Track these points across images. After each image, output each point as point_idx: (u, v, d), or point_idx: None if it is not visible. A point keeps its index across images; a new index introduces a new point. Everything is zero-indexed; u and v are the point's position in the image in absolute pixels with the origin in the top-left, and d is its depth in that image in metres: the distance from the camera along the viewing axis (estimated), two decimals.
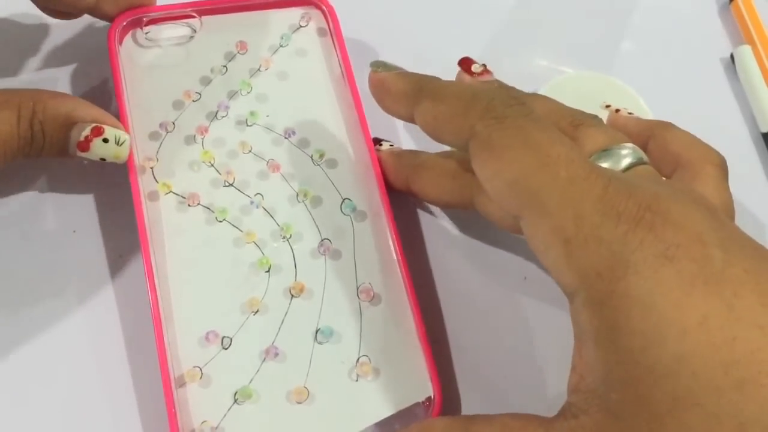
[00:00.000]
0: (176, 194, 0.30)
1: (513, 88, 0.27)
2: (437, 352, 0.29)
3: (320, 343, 0.28)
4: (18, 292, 0.29)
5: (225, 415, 0.27)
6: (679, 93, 0.32)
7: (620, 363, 0.19)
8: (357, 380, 0.28)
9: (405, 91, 0.26)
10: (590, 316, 0.20)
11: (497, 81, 0.29)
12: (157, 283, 0.27)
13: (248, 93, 0.32)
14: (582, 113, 0.26)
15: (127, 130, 0.29)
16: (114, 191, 0.30)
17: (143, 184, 0.29)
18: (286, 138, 0.31)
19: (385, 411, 0.27)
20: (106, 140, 0.28)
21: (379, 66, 0.28)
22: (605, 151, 0.24)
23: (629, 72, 0.28)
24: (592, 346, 0.20)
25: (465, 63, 0.31)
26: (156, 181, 0.30)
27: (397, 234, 0.30)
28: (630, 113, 0.31)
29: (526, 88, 0.30)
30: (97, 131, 0.27)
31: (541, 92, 0.32)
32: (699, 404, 0.18)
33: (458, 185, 0.28)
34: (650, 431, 0.18)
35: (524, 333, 0.30)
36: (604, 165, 0.24)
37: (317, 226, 0.30)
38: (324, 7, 0.33)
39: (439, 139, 0.25)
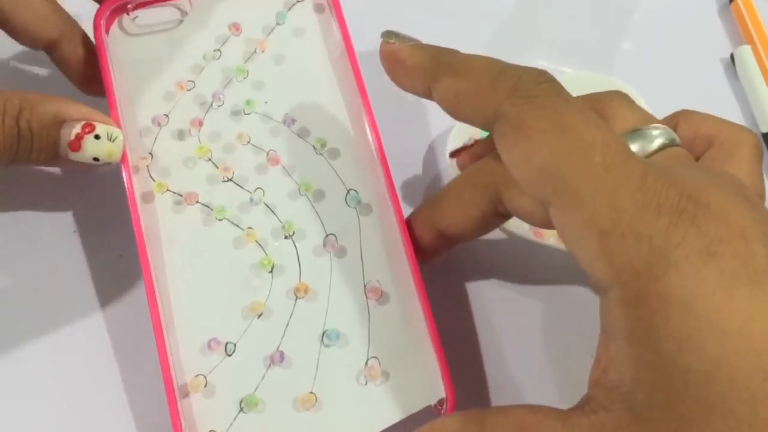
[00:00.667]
0: (173, 192, 0.28)
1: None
2: (449, 352, 0.27)
3: (327, 346, 0.27)
4: (18, 292, 0.28)
5: (231, 425, 0.26)
6: (679, 93, 0.32)
7: (652, 365, 0.18)
8: (366, 384, 0.27)
9: (422, 65, 0.24)
10: (624, 314, 0.19)
11: None
12: (156, 289, 0.27)
13: (244, 79, 0.30)
14: (613, 92, 0.25)
15: (119, 126, 0.28)
16: (114, 191, 0.29)
17: (138, 184, 0.28)
18: (285, 127, 0.30)
19: (395, 415, 0.27)
20: (98, 137, 0.26)
21: (391, 36, 0.25)
22: (636, 132, 0.23)
23: (629, 72, 0.27)
24: (623, 344, 0.19)
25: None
26: (152, 179, 0.28)
27: (405, 228, 0.28)
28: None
29: None
30: (89, 127, 0.26)
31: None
32: (732, 412, 0.17)
33: (480, 193, 0.26)
34: None
35: (540, 332, 0.29)
36: (635, 146, 0.23)
37: (321, 221, 0.29)
38: None
39: (460, 117, 0.23)
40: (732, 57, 0.40)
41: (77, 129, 0.26)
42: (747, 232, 0.18)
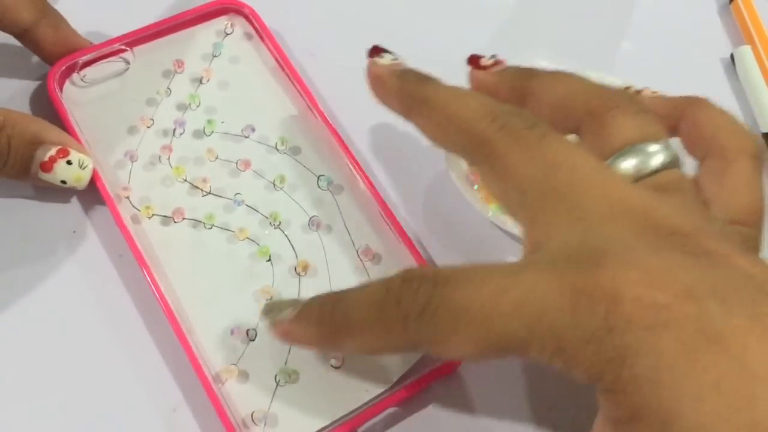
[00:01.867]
0: (160, 216, 0.30)
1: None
2: None
3: None
4: (18, 292, 0.28)
5: (272, 400, 0.27)
6: (679, 93, 0.30)
7: None
8: None
9: (317, 338, 0.24)
10: (608, 406, 0.19)
11: (514, 66, 0.28)
12: (167, 298, 0.28)
13: (197, 107, 0.33)
14: (619, 95, 0.24)
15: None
16: (101, 215, 0.30)
17: (124, 211, 0.30)
18: (246, 137, 0.32)
19: (416, 354, 0.29)
20: (69, 162, 0.28)
21: (270, 311, 0.25)
22: (632, 148, 0.23)
23: (629, 72, 0.28)
24: (612, 428, 0.19)
25: (473, 61, 0.28)
26: (136, 208, 0.30)
27: (378, 195, 0.31)
28: (654, 92, 0.29)
29: None
30: (63, 152, 0.28)
31: None
32: None
33: (467, 141, 0.23)
34: None
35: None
36: (631, 164, 0.23)
37: (302, 207, 0.31)
38: (245, 11, 0.35)
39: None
40: (732, 57, 0.40)
41: (52, 152, 0.28)
42: (694, 292, 0.18)
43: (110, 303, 0.29)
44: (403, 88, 0.25)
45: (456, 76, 0.35)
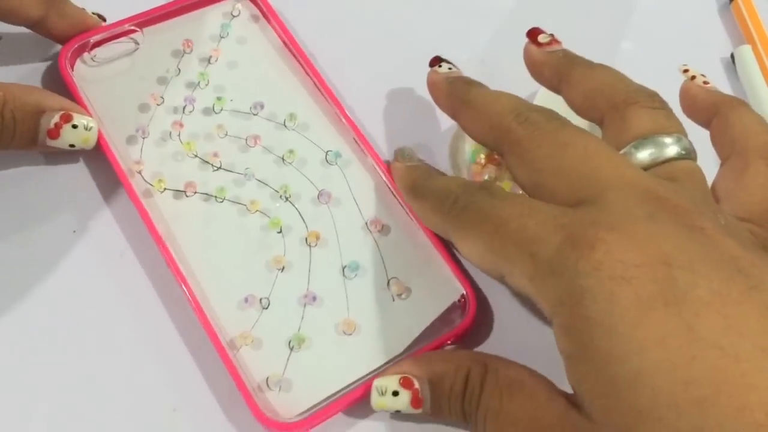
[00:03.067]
0: (172, 190, 0.31)
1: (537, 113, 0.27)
2: (456, 256, 0.31)
3: (350, 278, 0.30)
4: (18, 292, 0.29)
5: (286, 365, 0.28)
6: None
7: (587, 378, 0.20)
8: (394, 301, 0.29)
9: (405, 189, 0.30)
10: (562, 339, 0.21)
11: (563, 51, 0.30)
12: (181, 267, 0.28)
13: (206, 85, 0.33)
14: (641, 91, 0.27)
15: (104, 143, 0.30)
16: (113, 191, 0.31)
17: (137, 186, 0.30)
18: (255, 114, 0.33)
19: (427, 319, 0.29)
20: (75, 126, 0.29)
21: (399, 154, 0.32)
22: (647, 139, 0.25)
23: (629, 72, 0.28)
24: (566, 363, 0.21)
25: (532, 34, 0.31)
26: (148, 183, 0.31)
27: (385, 168, 0.32)
28: (706, 82, 0.30)
29: (526, 88, 0.31)
30: (67, 117, 0.29)
31: (539, 93, 0.33)
32: (660, 419, 0.19)
33: (497, 134, 0.27)
34: None
35: None
36: (645, 153, 0.25)
37: (311, 181, 0.32)
38: None
39: (435, 231, 0.29)
40: (732, 57, 0.40)
41: (56, 119, 0.29)
42: (669, 259, 0.20)
43: (110, 302, 0.29)
44: (452, 93, 0.29)
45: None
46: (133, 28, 0.33)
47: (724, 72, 0.40)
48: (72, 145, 0.29)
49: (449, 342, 0.29)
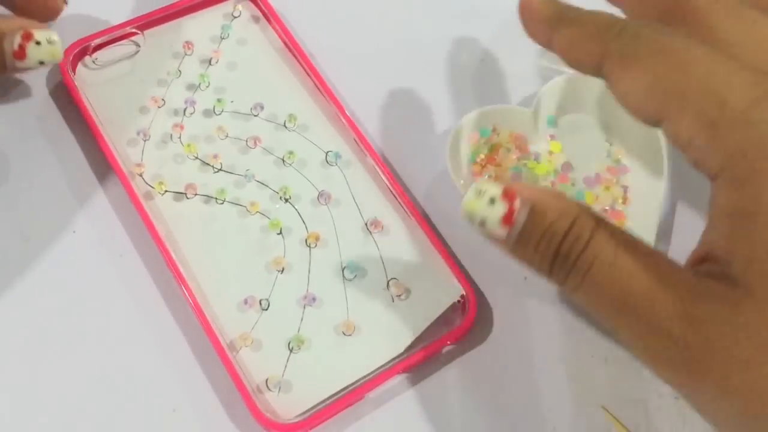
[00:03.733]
0: (172, 191, 0.31)
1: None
2: (458, 253, 0.31)
3: (349, 279, 0.30)
4: (19, 292, 0.29)
5: (286, 366, 0.28)
6: None
7: (752, 237, 0.19)
8: (393, 301, 0.30)
9: (547, 18, 0.25)
10: (731, 193, 0.20)
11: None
12: (181, 269, 0.29)
13: (207, 87, 0.34)
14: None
15: (104, 145, 0.30)
16: (113, 191, 0.31)
17: (138, 188, 0.30)
18: (255, 116, 0.33)
19: (427, 320, 0.29)
20: (38, 43, 0.29)
21: None
22: None
23: None
24: (727, 221, 0.20)
25: None
26: (149, 185, 0.31)
27: (385, 168, 0.32)
28: None
29: (526, 88, 0.31)
30: (27, 36, 0.28)
31: (540, 92, 0.33)
32: None
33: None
34: (765, 311, 0.19)
35: None
36: None
37: (311, 182, 0.32)
38: None
39: (574, 63, 0.25)
40: None
41: (18, 39, 0.28)
42: None
43: (110, 302, 0.29)
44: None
45: (455, 74, 0.36)
46: (134, 30, 0.34)
47: None
48: (41, 62, 0.29)
49: (449, 342, 0.29)
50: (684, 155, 0.21)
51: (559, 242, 0.22)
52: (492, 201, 0.23)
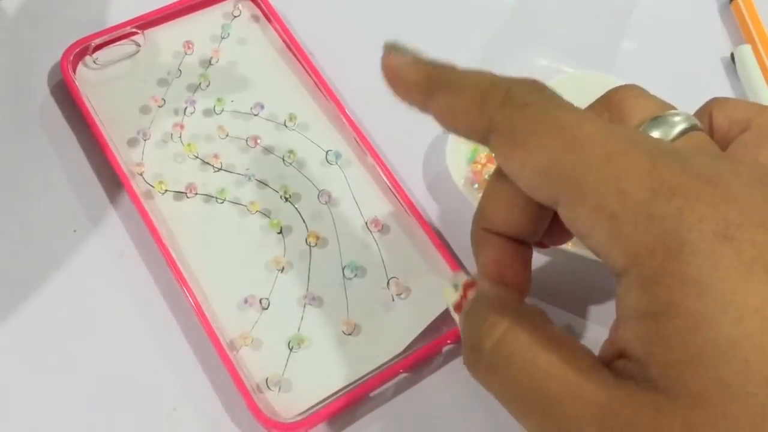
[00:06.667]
0: (173, 191, 0.31)
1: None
2: (458, 253, 0.31)
3: (349, 278, 0.30)
4: (19, 292, 0.29)
5: (286, 365, 0.28)
6: (679, 93, 0.29)
7: (667, 342, 0.18)
8: (393, 300, 0.30)
9: (418, 82, 0.23)
10: (640, 294, 0.18)
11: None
12: (182, 268, 0.29)
13: (207, 86, 0.34)
14: (622, 85, 0.25)
15: (105, 145, 0.31)
16: (115, 192, 0.31)
17: (138, 188, 0.30)
18: (255, 115, 0.33)
19: (427, 319, 0.29)
20: None
21: (392, 50, 0.24)
22: (656, 119, 0.23)
23: (629, 72, 0.27)
24: (638, 323, 0.19)
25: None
26: (149, 185, 0.31)
27: (385, 168, 0.32)
28: None
29: None
30: None
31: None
32: (749, 394, 0.17)
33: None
34: (686, 417, 0.18)
35: None
36: (655, 133, 0.23)
37: (311, 181, 0.32)
38: None
39: (457, 133, 0.23)
40: (732, 56, 0.39)
41: None
42: (766, 221, 0.18)
43: (110, 302, 0.29)
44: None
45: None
46: (134, 30, 0.34)
47: (724, 72, 0.40)
48: None
49: (449, 342, 0.29)
50: (583, 243, 0.20)
51: (478, 329, 0.21)
52: (456, 288, 0.23)
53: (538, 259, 0.32)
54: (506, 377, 0.20)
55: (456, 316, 0.23)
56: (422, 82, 0.23)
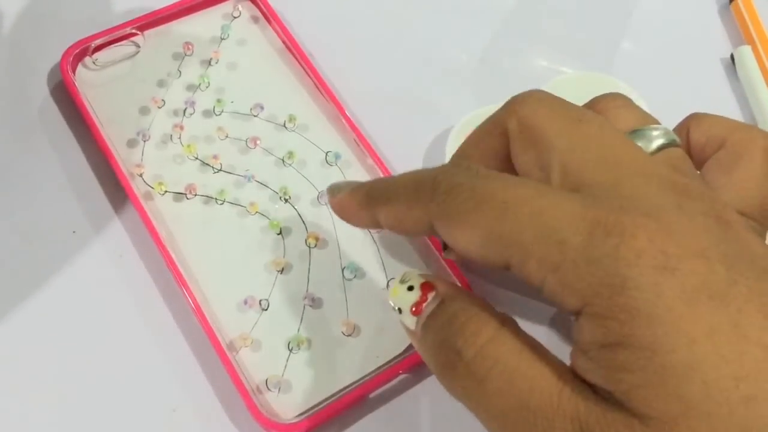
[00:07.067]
0: (172, 192, 0.31)
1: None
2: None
3: (349, 279, 0.30)
4: (18, 293, 0.29)
5: (285, 366, 0.28)
6: (679, 93, 0.32)
7: (628, 367, 0.18)
8: None
9: (361, 204, 0.25)
10: (593, 329, 0.19)
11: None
12: (181, 269, 0.29)
13: (207, 87, 0.34)
14: (606, 94, 0.26)
15: (104, 145, 0.31)
16: (114, 193, 0.31)
17: (138, 189, 0.30)
18: (255, 116, 0.33)
19: None
20: None
21: (333, 191, 0.26)
22: (634, 132, 0.24)
23: (629, 72, 0.27)
24: (595, 354, 0.19)
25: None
26: (149, 186, 0.31)
27: (385, 169, 0.32)
28: None
29: (526, 88, 0.31)
30: None
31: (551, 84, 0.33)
32: (710, 414, 0.18)
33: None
34: None
35: None
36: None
37: (311, 182, 0.32)
38: None
39: (410, 235, 0.25)
40: (732, 57, 0.40)
41: None
42: (706, 252, 0.19)
43: (110, 302, 0.29)
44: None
45: (455, 74, 0.36)
46: (134, 31, 0.34)
47: (724, 72, 0.40)
48: None
49: None
50: (541, 294, 0.21)
51: (453, 335, 0.21)
52: (410, 289, 0.23)
53: None
54: (488, 389, 0.20)
55: (408, 320, 0.22)
56: (363, 202, 0.25)
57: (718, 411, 0.17)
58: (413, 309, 0.22)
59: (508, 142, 0.24)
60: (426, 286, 0.23)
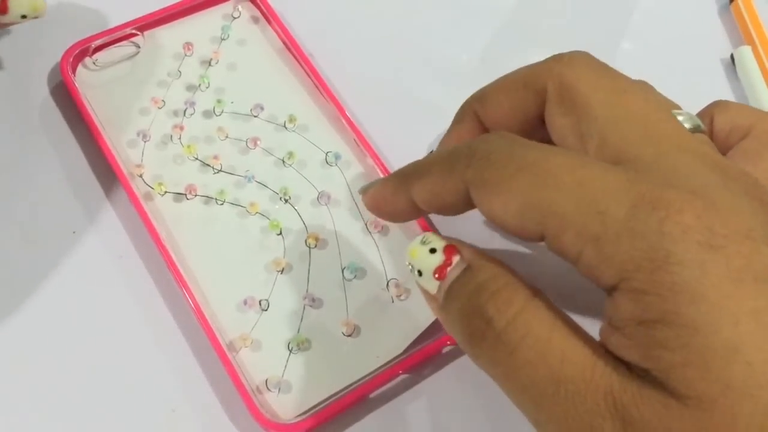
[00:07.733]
0: (172, 192, 0.31)
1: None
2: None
3: (349, 280, 0.30)
4: (18, 293, 0.29)
5: (285, 367, 0.28)
6: (679, 93, 0.29)
7: (665, 347, 0.18)
8: (393, 302, 0.30)
9: (395, 190, 0.24)
10: (632, 306, 0.18)
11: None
12: (181, 270, 0.29)
13: (207, 88, 0.34)
14: (628, 80, 0.25)
15: (105, 146, 0.30)
16: (114, 193, 0.31)
17: (138, 189, 0.30)
18: (255, 116, 0.33)
19: (426, 321, 0.29)
20: None
21: (363, 189, 0.26)
22: None
23: (629, 72, 0.27)
24: (632, 331, 0.19)
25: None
26: (149, 186, 0.31)
27: (385, 168, 0.32)
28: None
29: None
30: None
31: None
32: (753, 396, 0.17)
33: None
34: (696, 418, 0.18)
35: None
36: None
37: (311, 182, 0.32)
38: None
39: (446, 211, 0.23)
40: (732, 57, 0.40)
41: None
42: (752, 233, 0.18)
43: (110, 303, 0.29)
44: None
45: (455, 74, 0.36)
46: (134, 31, 0.34)
47: (724, 72, 0.40)
48: (24, 16, 0.29)
49: (449, 343, 0.29)
50: (575, 268, 0.20)
51: (484, 304, 0.20)
52: (433, 251, 0.22)
53: (534, 256, 0.31)
54: (518, 359, 0.19)
55: (430, 284, 0.21)
56: (397, 184, 0.24)
57: (760, 394, 0.17)
58: (436, 274, 0.21)
59: (542, 100, 0.24)
60: (450, 249, 0.22)
